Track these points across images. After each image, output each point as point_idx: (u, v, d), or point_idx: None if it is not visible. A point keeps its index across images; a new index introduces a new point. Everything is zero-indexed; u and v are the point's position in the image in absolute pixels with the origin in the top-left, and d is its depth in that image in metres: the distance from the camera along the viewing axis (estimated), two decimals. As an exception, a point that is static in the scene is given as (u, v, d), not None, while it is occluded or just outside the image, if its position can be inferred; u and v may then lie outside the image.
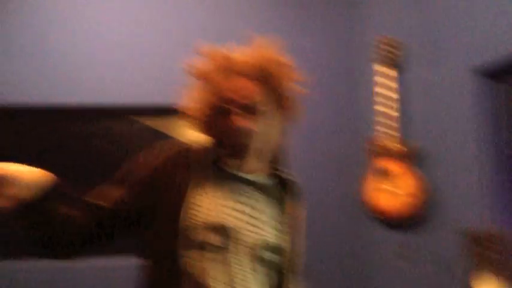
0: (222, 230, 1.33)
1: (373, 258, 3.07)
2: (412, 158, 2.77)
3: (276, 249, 1.41)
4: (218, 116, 1.38)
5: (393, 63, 2.92)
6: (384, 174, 2.85)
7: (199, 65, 1.43)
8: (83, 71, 3.13)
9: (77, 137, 3.26)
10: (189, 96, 1.45)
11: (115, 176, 1.44)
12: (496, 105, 2.49)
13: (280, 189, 1.49)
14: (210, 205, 1.34)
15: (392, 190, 2.80)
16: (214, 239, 1.32)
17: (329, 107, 3.23)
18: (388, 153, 2.86)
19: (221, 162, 1.42)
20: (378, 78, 2.94)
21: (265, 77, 1.38)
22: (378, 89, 2.93)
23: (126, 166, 1.44)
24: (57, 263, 2.73)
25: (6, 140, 3.15)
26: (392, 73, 2.92)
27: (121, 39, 3.19)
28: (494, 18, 2.37)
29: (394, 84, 2.91)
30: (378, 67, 2.95)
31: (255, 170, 1.44)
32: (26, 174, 1.28)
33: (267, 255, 1.39)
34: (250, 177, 1.42)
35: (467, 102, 2.51)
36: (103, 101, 3.13)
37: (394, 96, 2.89)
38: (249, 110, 1.36)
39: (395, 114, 2.87)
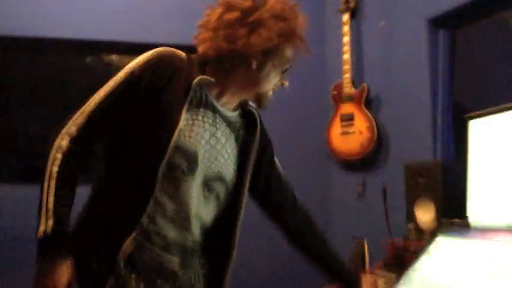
0: (192, 156, 1.39)
1: (335, 199, 3.32)
2: (364, 100, 3.01)
3: (226, 182, 1.51)
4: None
5: (350, 10, 3.13)
6: (345, 118, 3.07)
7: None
8: (63, 5, 3.20)
9: (52, 70, 3.33)
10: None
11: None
12: (446, 53, 2.72)
13: (243, 121, 1.57)
14: (190, 131, 1.39)
15: (350, 132, 3.03)
16: (183, 162, 1.38)
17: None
18: (347, 98, 3.07)
19: (207, 88, 1.44)
20: (344, 28, 3.13)
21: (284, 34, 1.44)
22: (344, 38, 3.12)
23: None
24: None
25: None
26: (348, 19, 3.13)
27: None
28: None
29: (349, 30, 3.11)
30: (345, 17, 3.13)
31: (232, 105, 1.52)
32: None
33: (217, 185, 1.48)
34: (225, 111, 1.49)
35: (420, 49, 2.75)
36: (80, 36, 3.22)
37: (349, 41, 3.10)
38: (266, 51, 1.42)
39: (349, 58, 3.08)
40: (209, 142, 1.44)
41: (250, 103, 1.58)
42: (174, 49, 1.46)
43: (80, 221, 1.44)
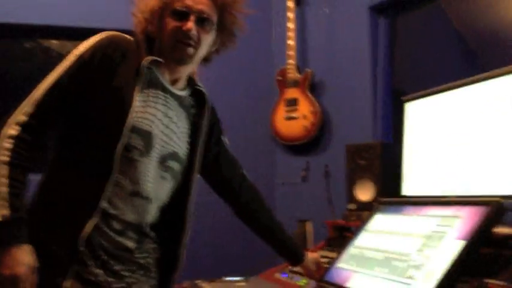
0: (147, 136, 1.41)
1: (279, 181, 3.37)
2: (308, 85, 3.08)
3: (181, 160, 1.55)
4: (171, 18, 1.42)
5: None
6: (289, 103, 3.13)
7: None
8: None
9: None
10: None
11: None
12: (386, 40, 2.82)
13: (193, 100, 1.59)
14: (143, 112, 1.40)
15: (295, 116, 3.09)
16: (139, 143, 1.39)
17: (244, 40, 3.40)
18: (292, 83, 3.13)
19: (156, 69, 1.46)
20: (289, 14, 3.17)
21: (223, 2, 1.45)
22: (289, 25, 3.16)
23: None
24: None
25: None
26: (293, 6, 3.18)
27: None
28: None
29: (294, 17, 3.16)
30: (290, 4, 3.17)
31: (181, 84, 1.53)
32: None
33: (173, 163, 1.50)
34: (176, 91, 1.50)
35: (361, 36, 2.85)
36: (11, 19, 3.10)
37: (294, 27, 3.16)
38: (203, 23, 1.43)
39: (294, 44, 3.14)
40: (162, 122, 1.46)
41: (199, 83, 1.61)
42: (121, 33, 1.46)
43: (35, 208, 1.40)
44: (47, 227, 1.37)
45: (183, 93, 1.56)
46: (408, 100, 2.07)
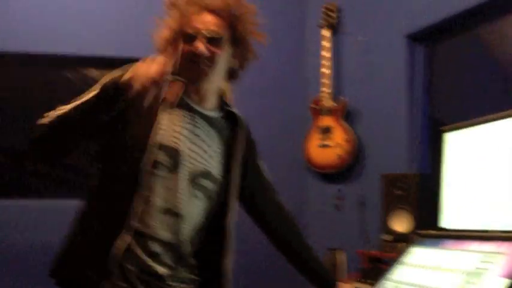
0: (174, 153, 1.44)
1: (312, 209, 3.33)
2: (342, 113, 3.06)
3: (215, 179, 1.54)
4: (183, 42, 1.48)
5: (331, 26, 3.19)
6: (323, 131, 3.10)
7: None
8: (38, 20, 3.18)
9: (33, 84, 3.30)
10: (159, 25, 1.55)
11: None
12: (424, 68, 2.78)
13: (227, 123, 1.61)
14: (169, 130, 1.45)
15: (329, 144, 3.06)
16: (166, 159, 1.43)
17: (278, 69, 3.41)
18: (326, 111, 3.10)
19: (184, 94, 1.51)
20: (324, 43, 3.17)
21: (231, 17, 1.50)
22: (323, 53, 3.16)
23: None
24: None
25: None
26: (329, 34, 3.19)
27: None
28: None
29: (329, 45, 3.17)
30: (324, 32, 3.17)
31: (209, 104, 1.56)
32: None
33: (205, 182, 1.52)
34: (204, 111, 1.54)
35: (397, 64, 2.82)
36: (55, 50, 3.20)
37: (329, 56, 3.16)
38: (213, 41, 1.47)
39: (328, 72, 3.14)
40: (190, 139, 1.49)
41: (232, 106, 1.63)
42: None
43: (72, 234, 1.45)
44: (81, 250, 1.39)
45: (213, 113, 1.58)
46: (448, 130, 2.02)
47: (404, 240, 2.17)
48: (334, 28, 3.24)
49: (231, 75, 1.61)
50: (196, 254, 1.56)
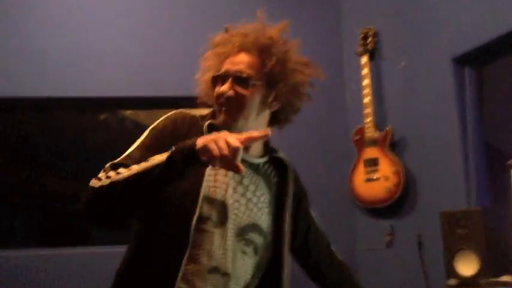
0: (221, 206, 1.35)
1: (360, 247, 3.14)
2: (388, 143, 2.87)
3: (263, 232, 1.43)
4: (215, 86, 1.42)
5: (370, 52, 3.03)
6: (369, 163, 2.93)
7: (214, 37, 1.48)
8: (71, 65, 3.15)
9: (63, 128, 3.31)
10: (201, 68, 1.50)
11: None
12: (474, 92, 2.59)
13: (273, 169, 1.50)
14: (215, 181, 1.36)
15: (376, 177, 2.88)
16: (213, 214, 1.33)
17: (319, 100, 3.27)
18: (371, 142, 2.94)
19: None
20: (363, 71, 3.02)
21: (264, 54, 1.40)
22: (364, 82, 3.01)
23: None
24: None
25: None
26: (368, 61, 3.02)
27: (108, 31, 3.23)
28: (467, 9, 2.49)
29: (368, 72, 3.00)
30: (363, 60, 3.03)
31: (254, 150, 1.46)
32: None
33: (253, 236, 1.40)
34: (250, 158, 1.44)
35: (445, 89, 2.63)
36: (87, 93, 3.17)
37: (369, 83, 2.99)
38: (239, 81, 1.38)
39: (370, 101, 2.96)
40: (236, 190, 1.39)
41: (279, 151, 1.52)
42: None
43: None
44: None
45: (259, 160, 1.46)
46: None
47: (472, 285, 1.98)
48: (373, 54, 3.09)
49: (278, 118, 1.49)
50: None
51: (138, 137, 1.44)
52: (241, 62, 1.40)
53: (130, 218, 1.39)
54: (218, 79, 1.42)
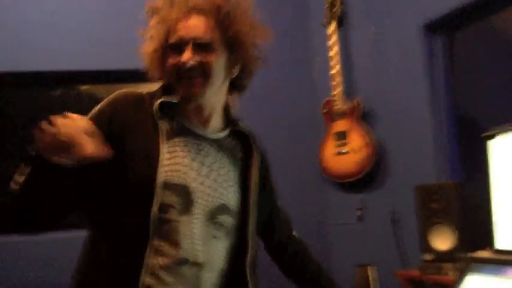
0: (184, 191, 1.24)
1: (331, 221, 3.09)
2: (357, 114, 2.79)
3: (232, 213, 1.33)
4: (170, 55, 1.27)
5: (337, 20, 2.91)
6: (338, 136, 2.85)
7: (154, 2, 1.31)
8: (26, 38, 2.98)
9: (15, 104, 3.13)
10: (145, 38, 1.33)
11: None
12: (445, 60, 2.52)
13: (236, 141, 1.40)
14: (173, 164, 1.24)
15: (346, 151, 2.81)
16: (175, 200, 1.22)
17: (286, 72, 3.17)
18: (340, 115, 2.85)
19: (183, 118, 1.31)
20: (330, 42, 2.91)
21: (221, 15, 1.27)
22: (331, 53, 2.90)
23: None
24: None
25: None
26: (335, 29, 2.91)
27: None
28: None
29: (336, 41, 2.90)
30: (331, 28, 2.92)
31: (215, 124, 1.35)
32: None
33: (223, 218, 1.30)
34: (211, 135, 1.34)
35: (416, 57, 2.54)
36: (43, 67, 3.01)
37: (337, 51, 2.89)
38: (201, 48, 1.25)
39: (338, 72, 2.87)
40: (200, 172, 1.27)
41: (240, 122, 1.41)
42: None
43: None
44: None
45: (221, 134, 1.35)
46: (491, 137, 1.77)
47: (448, 260, 1.94)
48: (341, 22, 2.96)
49: (235, 86, 1.37)
50: None
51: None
52: (197, 25, 1.25)
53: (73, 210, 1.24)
54: (172, 48, 1.27)
